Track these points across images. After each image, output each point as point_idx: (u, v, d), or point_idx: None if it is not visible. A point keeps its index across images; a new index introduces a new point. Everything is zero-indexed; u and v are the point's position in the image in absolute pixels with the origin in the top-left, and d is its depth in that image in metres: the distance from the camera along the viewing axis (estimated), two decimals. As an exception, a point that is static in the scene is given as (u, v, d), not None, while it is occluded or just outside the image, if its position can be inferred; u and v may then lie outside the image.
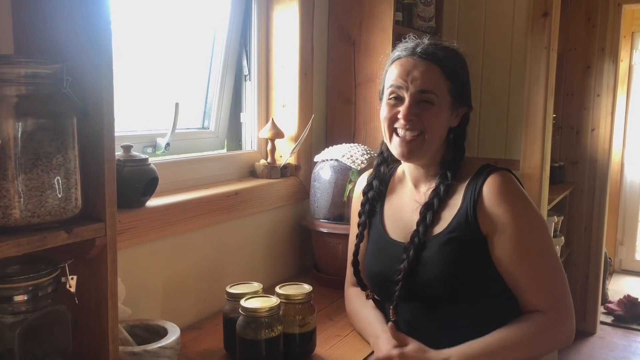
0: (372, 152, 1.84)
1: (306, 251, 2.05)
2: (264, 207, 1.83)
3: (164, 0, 1.72)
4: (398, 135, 1.31)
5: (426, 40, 1.34)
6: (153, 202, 1.43)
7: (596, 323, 3.76)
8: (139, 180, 1.36)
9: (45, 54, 1.01)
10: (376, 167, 1.48)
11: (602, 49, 3.56)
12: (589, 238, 3.70)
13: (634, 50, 4.96)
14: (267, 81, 2.03)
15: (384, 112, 1.34)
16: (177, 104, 1.63)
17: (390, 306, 1.34)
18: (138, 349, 1.15)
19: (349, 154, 1.82)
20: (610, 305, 4.01)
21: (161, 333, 1.24)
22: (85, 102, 0.97)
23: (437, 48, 1.31)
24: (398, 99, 1.31)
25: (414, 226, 1.32)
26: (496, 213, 1.26)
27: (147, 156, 1.44)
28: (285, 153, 1.96)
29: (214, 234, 1.65)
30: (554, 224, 3.13)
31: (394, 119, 1.31)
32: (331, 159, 1.85)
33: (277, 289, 1.35)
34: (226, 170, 1.87)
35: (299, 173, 2.00)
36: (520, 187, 1.31)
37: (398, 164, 1.47)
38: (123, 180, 1.27)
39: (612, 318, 3.94)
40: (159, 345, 1.16)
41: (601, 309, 3.89)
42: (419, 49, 1.30)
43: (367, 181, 1.49)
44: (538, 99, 2.38)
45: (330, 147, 1.91)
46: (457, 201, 1.30)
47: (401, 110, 1.29)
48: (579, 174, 3.67)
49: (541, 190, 2.40)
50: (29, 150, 0.90)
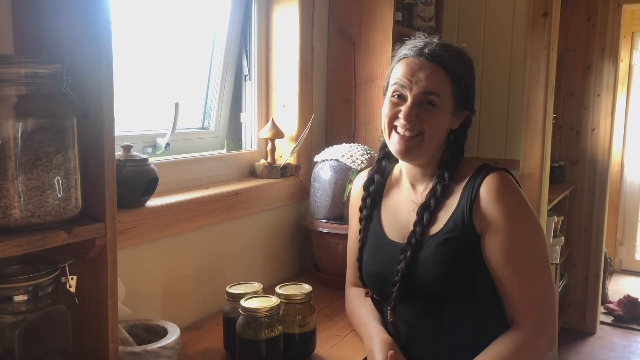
0: (372, 152, 1.84)
1: (306, 251, 2.05)
2: (264, 207, 1.83)
3: (164, 0, 1.72)
4: (397, 133, 1.31)
5: (435, 40, 1.32)
6: (153, 202, 1.43)
7: (596, 323, 3.76)
8: (139, 180, 1.35)
9: (45, 54, 1.01)
10: (377, 162, 1.47)
11: (602, 49, 3.56)
12: (589, 238, 3.70)
13: (634, 50, 4.96)
14: (267, 81, 2.02)
15: (386, 109, 1.34)
16: (177, 104, 1.63)
17: (388, 307, 1.34)
18: (138, 349, 1.15)
19: (349, 154, 1.82)
20: (610, 305, 4.01)
21: (161, 333, 1.24)
22: (85, 102, 0.97)
23: (445, 51, 1.29)
24: (401, 98, 1.31)
25: (411, 226, 1.32)
26: (491, 212, 1.25)
27: (147, 156, 1.44)
28: (285, 153, 1.96)
29: (214, 234, 1.65)
30: (554, 224, 3.12)
31: (395, 116, 1.31)
32: (331, 159, 1.85)
33: (277, 289, 1.35)
34: (226, 170, 1.87)
35: (299, 173, 2.00)
36: (518, 188, 1.30)
37: (396, 163, 1.47)
38: (123, 180, 1.26)
39: (612, 318, 3.94)
40: (159, 345, 1.16)
41: (601, 309, 3.89)
42: (426, 50, 1.29)
43: (368, 175, 1.48)
44: (538, 99, 2.37)
45: (330, 147, 1.91)
46: (454, 201, 1.30)
47: (403, 109, 1.29)
48: (579, 174, 3.67)
49: (541, 190, 2.40)
50: (29, 150, 0.90)
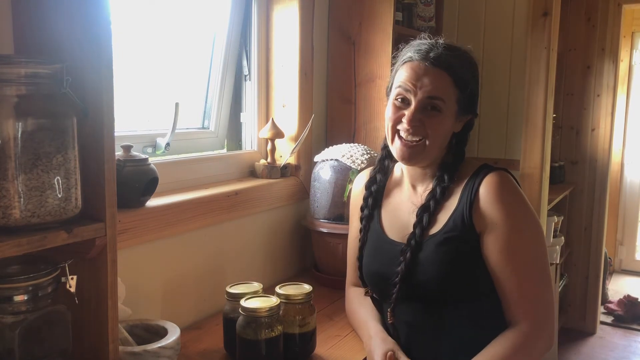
0: (372, 152, 1.84)
1: (306, 251, 2.05)
2: (264, 207, 1.83)
3: (164, 0, 1.72)
4: (400, 138, 1.30)
5: (441, 42, 1.30)
6: (153, 202, 1.43)
7: (596, 323, 3.76)
8: (139, 180, 1.35)
9: (45, 54, 1.00)
10: (380, 161, 1.47)
11: (602, 49, 3.56)
12: (589, 238, 3.70)
13: (634, 50, 4.96)
14: (267, 81, 2.02)
15: (389, 112, 1.32)
16: (177, 104, 1.63)
17: (388, 308, 1.34)
18: (138, 349, 1.15)
19: (349, 154, 1.82)
20: (610, 305, 4.01)
21: (161, 333, 1.24)
22: (85, 102, 0.97)
23: (451, 55, 1.28)
24: (404, 101, 1.29)
25: (411, 227, 1.32)
26: (490, 212, 1.25)
27: (147, 156, 1.44)
28: (285, 153, 1.96)
29: (214, 234, 1.65)
30: (554, 224, 3.12)
31: (399, 120, 1.30)
32: (331, 159, 1.85)
33: (277, 289, 1.35)
34: (226, 170, 1.87)
35: (299, 173, 2.00)
36: (518, 188, 1.30)
37: (397, 162, 1.46)
38: (123, 180, 1.26)
39: (612, 318, 3.94)
40: (159, 345, 1.16)
41: (601, 309, 3.89)
42: (432, 54, 1.27)
43: (370, 175, 1.48)
44: (538, 99, 2.37)
45: (330, 147, 1.91)
46: (454, 202, 1.30)
47: (406, 114, 1.28)
48: (579, 174, 3.67)
49: (541, 190, 2.40)
50: (29, 150, 0.90)
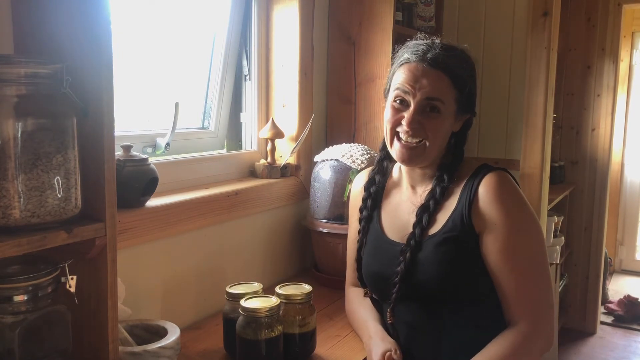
0: (372, 152, 1.84)
1: (306, 251, 2.05)
2: (264, 207, 1.83)
3: (164, 0, 1.72)
4: (399, 140, 1.30)
5: (438, 42, 1.30)
6: (153, 202, 1.43)
7: (596, 323, 3.76)
8: (139, 180, 1.36)
9: (45, 54, 1.00)
10: (378, 162, 1.47)
11: (602, 49, 3.56)
12: (589, 238, 3.70)
13: (634, 50, 4.96)
14: (267, 81, 2.02)
15: (387, 114, 1.32)
16: (177, 104, 1.63)
17: (388, 309, 1.34)
18: (138, 349, 1.15)
19: (349, 153, 1.82)
20: (611, 305, 4.01)
21: (161, 333, 1.24)
22: (85, 102, 0.97)
23: (448, 56, 1.27)
24: (403, 103, 1.29)
25: (411, 227, 1.32)
26: (489, 212, 1.25)
27: (147, 156, 1.44)
28: (285, 153, 1.96)
29: (214, 234, 1.65)
30: (554, 224, 3.12)
31: (398, 123, 1.29)
32: (331, 159, 1.85)
33: (277, 289, 1.35)
34: (226, 170, 1.87)
35: (299, 173, 2.00)
36: (517, 188, 1.30)
37: (396, 162, 1.46)
38: (123, 180, 1.26)
39: (612, 318, 3.94)
40: (159, 345, 1.16)
41: (601, 309, 3.88)
42: (429, 56, 1.26)
43: (369, 176, 1.48)
44: (538, 99, 2.37)
45: (330, 147, 1.91)
46: (454, 202, 1.30)
47: (405, 116, 1.28)
48: (579, 174, 3.67)
49: (541, 190, 2.40)
50: (29, 150, 0.90)
